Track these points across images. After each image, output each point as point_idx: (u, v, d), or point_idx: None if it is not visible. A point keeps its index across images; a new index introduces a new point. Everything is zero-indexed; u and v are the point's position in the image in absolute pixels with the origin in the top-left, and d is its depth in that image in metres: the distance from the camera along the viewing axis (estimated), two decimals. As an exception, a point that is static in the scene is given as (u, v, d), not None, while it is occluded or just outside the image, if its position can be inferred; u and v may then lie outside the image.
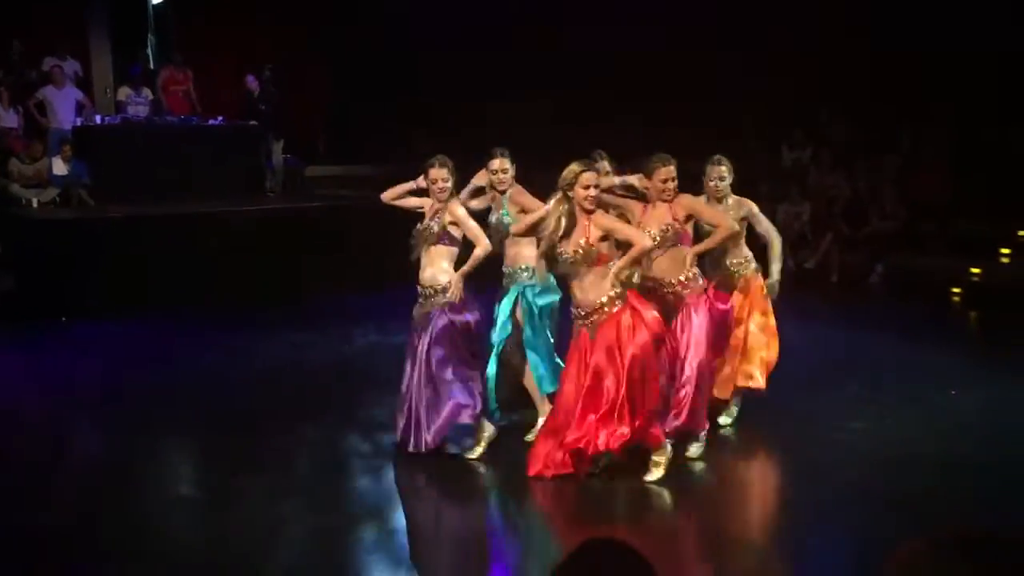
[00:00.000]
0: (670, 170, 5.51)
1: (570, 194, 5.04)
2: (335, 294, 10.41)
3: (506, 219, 5.86)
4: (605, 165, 5.84)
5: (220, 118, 13.40)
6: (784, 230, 11.70)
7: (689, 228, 5.66)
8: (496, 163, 5.92)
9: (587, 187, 5.02)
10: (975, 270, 10.67)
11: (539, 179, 5.84)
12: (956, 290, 10.63)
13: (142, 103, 13.14)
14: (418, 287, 5.65)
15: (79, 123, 12.52)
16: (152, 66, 14.52)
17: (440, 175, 5.55)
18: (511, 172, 5.93)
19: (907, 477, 5.45)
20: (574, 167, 5.08)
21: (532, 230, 5.29)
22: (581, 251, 5.04)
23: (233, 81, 14.18)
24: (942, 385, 7.20)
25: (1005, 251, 10.86)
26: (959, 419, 6.49)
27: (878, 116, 12.68)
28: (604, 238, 5.07)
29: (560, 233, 5.06)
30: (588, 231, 5.05)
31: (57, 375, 8.01)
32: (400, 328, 8.86)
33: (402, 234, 5.79)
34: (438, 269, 5.56)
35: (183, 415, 6.78)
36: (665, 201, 5.54)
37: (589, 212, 5.06)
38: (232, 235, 10.86)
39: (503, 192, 5.94)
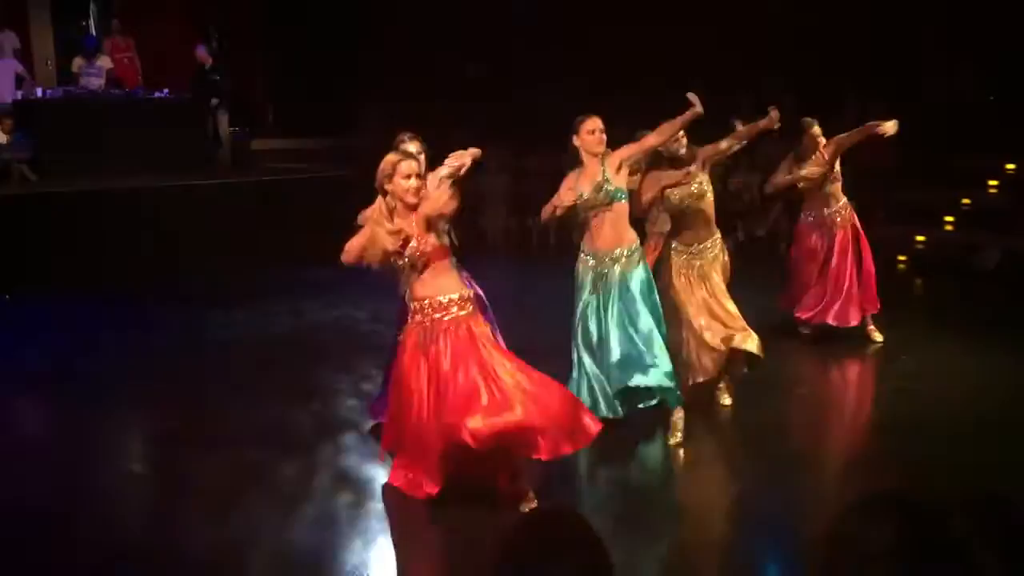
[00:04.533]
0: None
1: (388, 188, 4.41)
2: (289, 268, 10.29)
3: (609, 187, 5.28)
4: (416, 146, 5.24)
5: (165, 91, 13.14)
6: (734, 200, 11.83)
7: None
8: (592, 123, 5.27)
9: (407, 177, 4.41)
10: (920, 238, 10.87)
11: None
12: (902, 258, 10.81)
13: (95, 73, 12.80)
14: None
15: (19, 96, 12.22)
16: (94, 34, 14.19)
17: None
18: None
19: (854, 440, 5.54)
20: (390, 157, 4.48)
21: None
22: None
23: (177, 51, 13.87)
24: (891, 350, 7.34)
25: (949, 219, 11.06)
26: (906, 383, 6.62)
27: (825, 87, 12.78)
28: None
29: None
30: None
31: (1, 354, 7.84)
32: (348, 303, 8.87)
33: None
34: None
35: (134, 393, 6.68)
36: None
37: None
38: (182, 210, 10.70)
39: (599, 155, 5.29)
